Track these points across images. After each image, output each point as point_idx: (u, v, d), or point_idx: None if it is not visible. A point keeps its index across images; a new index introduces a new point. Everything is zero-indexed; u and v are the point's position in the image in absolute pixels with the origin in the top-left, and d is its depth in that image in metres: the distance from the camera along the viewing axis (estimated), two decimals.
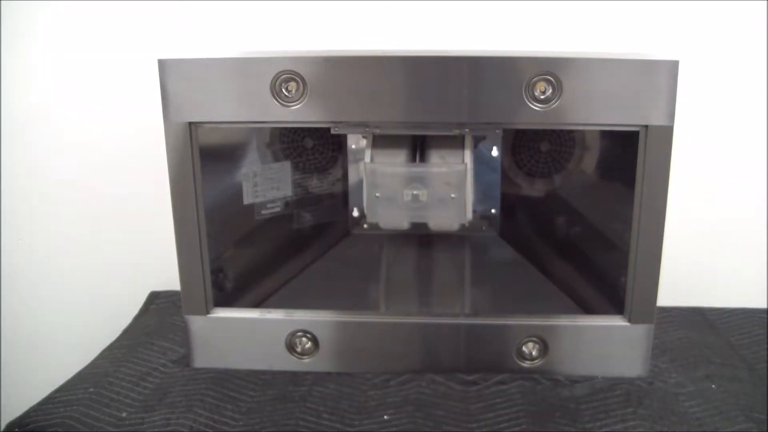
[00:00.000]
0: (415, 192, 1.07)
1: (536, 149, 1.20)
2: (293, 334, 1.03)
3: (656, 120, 0.91)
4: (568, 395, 0.97)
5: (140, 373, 1.05)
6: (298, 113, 0.94)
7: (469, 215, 1.11)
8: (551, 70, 0.90)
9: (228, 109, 0.95)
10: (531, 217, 1.24)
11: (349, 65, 0.93)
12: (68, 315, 1.41)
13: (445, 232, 1.25)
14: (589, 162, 1.15)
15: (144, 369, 1.06)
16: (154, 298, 1.33)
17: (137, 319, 1.27)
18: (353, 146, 1.23)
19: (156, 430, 0.91)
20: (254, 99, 0.94)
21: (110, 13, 1.28)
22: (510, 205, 1.24)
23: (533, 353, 1.02)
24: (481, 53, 0.92)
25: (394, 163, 1.08)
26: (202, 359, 1.06)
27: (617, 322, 1.01)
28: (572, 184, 1.18)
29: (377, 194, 1.08)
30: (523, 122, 0.97)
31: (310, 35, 1.26)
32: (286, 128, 1.16)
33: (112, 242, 1.39)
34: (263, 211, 1.15)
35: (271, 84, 0.92)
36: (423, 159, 1.09)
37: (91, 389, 0.99)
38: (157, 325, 1.21)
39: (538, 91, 0.91)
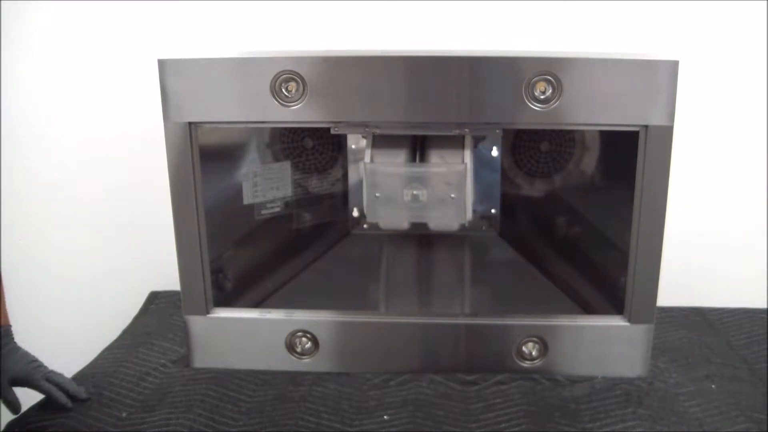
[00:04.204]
0: (415, 192, 1.07)
1: (536, 149, 1.20)
2: (293, 334, 1.03)
3: (656, 120, 0.91)
4: (567, 395, 0.97)
5: (140, 373, 1.05)
6: (298, 113, 0.94)
7: (469, 215, 1.11)
8: (551, 70, 0.90)
9: (228, 109, 0.95)
10: (531, 217, 1.24)
11: (349, 65, 0.93)
12: (68, 315, 1.41)
13: (445, 232, 1.25)
14: (589, 162, 1.15)
15: (144, 369, 1.06)
16: (154, 298, 1.33)
17: (137, 319, 1.27)
18: (353, 146, 1.23)
19: (156, 430, 0.91)
20: (254, 99, 0.94)
21: (110, 14, 1.28)
22: (510, 205, 1.24)
23: (533, 353, 1.02)
24: (481, 53, 0.92)
25: (394, 163, 1.08)
26: (202, 359, 1.06)
27: (617, 322, 1.01)
28: (572, 184, 1.18)
29: (377, 194, 1.08)
30: (523, 122, 0.97)
31: (310, 35, 1.26)
32: (286, 128, 1.16)
33: (112, 242, 1.39)
34: (263, 211, 1.15)
35: (271, 84, 0.92)
36: (423, 159, 1.09)
37: (91, 389, 0.99)
38: (157, 325, 1.21)
39: (538, 91, 0.91)
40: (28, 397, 0.96)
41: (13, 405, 0.93)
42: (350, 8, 1.25)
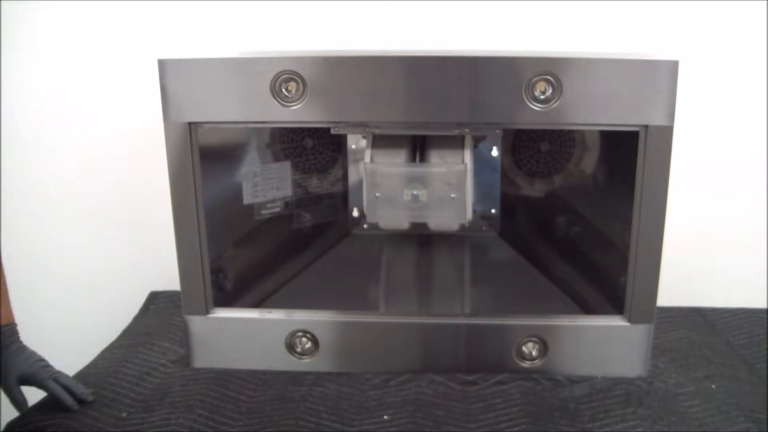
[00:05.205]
0: (415, 192, 1.07)
1: (536, 149, 1.20)
2: (293, 334, 1.03)
3: (656, 120, 0.91)
4: (567, 395, 0.97)
5: (140, 373, 1.05)
6: (298, 113, 0.94)
7: (469, 215, 1.11)
8: (551, 70, 0.90)
9: (228, 109, 0.95)
10: (531, 217, 1.24)
11: (349, 65, 0.93)
12: (68, 315, 1.41)
13: (445, 232, 1.25)
14: (589, 162, 1.15)
15: (144, 369, 1.06)
16: (154, 298, 1.33)
17: (137, 319, 1.27)
18: (353, 146, 1.23)
19: (156, 430, 0.91)
20: (254, 99, 0.94)
21: (110, 14, 1.28)
22: (510, 205, 1.24)
23: (533, 353, 1.02)
24: (481, 53, 0.92)
25: (394, 163, 1.08)
26: (201, 359, 1.06)
27: (617, 322, 1.01)
28: (572, 184, 1.18)
29: (377, 194, 1.08)
30: (523, 122, 0.97)
31: (310, 35, 1.26)
32: (286, 128, 1.16)
33: (112, 242, 1.39)
34: (263, 211, 1.15)
35: (271, 84, 0.92)
36: (423, 159, 1.09)
37: (91, 389, 0.99)
38: (157, 325, 1.21)
39: (538, 91, 0.91)
40: (28, 397, 0.96)
41: (20, 404, 0.93)
42: (350, 8, 1.25)
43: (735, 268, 1.32)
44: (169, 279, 1.19)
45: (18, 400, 0.93)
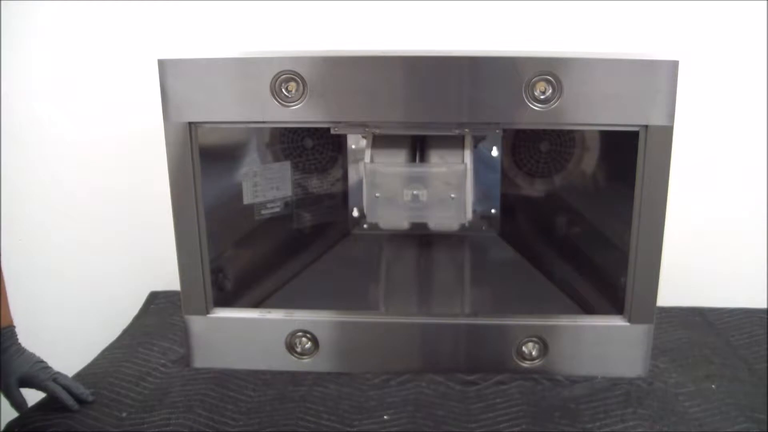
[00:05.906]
0: (415, 192, 1.07)
1: (536, 149, 1.20)
2: (293, 334, 1.03)
3: (656, 120, 0.91)
4: (568, 395, 0.97)
5: (140, 373, 1.05)
6: (298, 113, 0.94)
7: (469, 215, 1.11)
8: (551, 70, 0.90)
9: (228, 109, 0.95)
10: (531, 217, 1.24)
11: (349, 65, 0.93)
12: (68, 315, 1.41)
13: (445, 232, 1.25)
14: (589, 162, 1.15)
15: (144, 369, 1.06)
16: (154, 298, 1.33)
17: (137, 319, 1.27)
18: (353, 146, 1.23)
19: (156, 430, 0.91)
20: (254, 99, 0.94)
21: (110, 14, 1.28)
22: (510, 205, 1.24)
23: (533, 353, 1.02)
24: (481, 53, 0.92)
25: (394, 163, 1.08)
26: (201, 359, 1.06)
27: (617, 322, 1.01)
28: (572, 184, 1.18)
29: (377, 194, 1.08)
30: (523, 122, 0.97)
31: (310, 35, 1.26)
32: (286, 128, 1.16)
33: (112, 242, 1.39)
34: (263, 211, 1.15)
35: (271, 84, 0.92)
36: (423, 159, 1.09)
37: (91, 389, 0.99)
38: (157, 325, 1.21)
39: (538, 91, 0.91)
40: (28, 398, 0.96)
41: (20, 406, 0.93)
42: (350, 8, 1.25)
43: (735, 268, 1.32)
44: (169, 279, 1.19)
45: (18, 402, 0.93)
